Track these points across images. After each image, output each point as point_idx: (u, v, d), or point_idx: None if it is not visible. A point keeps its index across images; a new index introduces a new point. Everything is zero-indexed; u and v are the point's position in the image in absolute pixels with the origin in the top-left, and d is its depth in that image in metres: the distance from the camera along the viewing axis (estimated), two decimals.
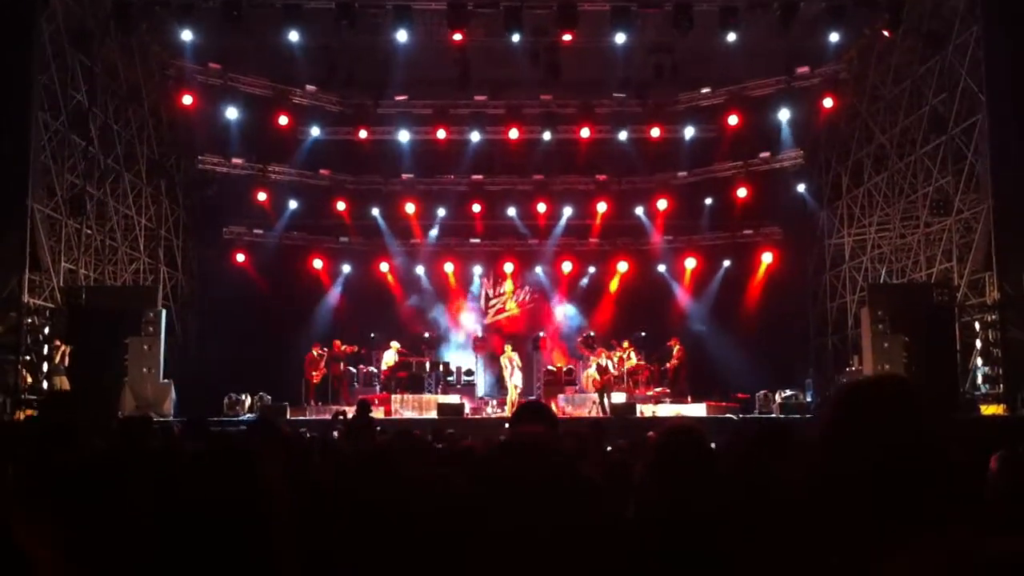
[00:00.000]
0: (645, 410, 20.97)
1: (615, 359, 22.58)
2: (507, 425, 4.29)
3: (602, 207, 27.07)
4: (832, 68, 23.33)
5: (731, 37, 21.24)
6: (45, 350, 18.71)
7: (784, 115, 24.72)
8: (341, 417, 14.94)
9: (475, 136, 26.15)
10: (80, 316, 19.55)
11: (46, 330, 18.85)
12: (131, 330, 20.01)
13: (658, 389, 23.22)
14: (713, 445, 3.89)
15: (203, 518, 2.40)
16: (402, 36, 21.74)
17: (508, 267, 27.88)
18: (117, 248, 22.64)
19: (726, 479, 3.56)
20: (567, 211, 27.36)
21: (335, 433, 12.92)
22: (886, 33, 21.28)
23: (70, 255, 20.44)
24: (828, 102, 23.43)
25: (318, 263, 26.88)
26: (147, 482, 2.64)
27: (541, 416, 4.06)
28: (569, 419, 19.09)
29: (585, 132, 25.78)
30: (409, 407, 22.00)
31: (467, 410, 21.28)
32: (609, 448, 9.33)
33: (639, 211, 27.25)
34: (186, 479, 2.57)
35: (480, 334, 26.32)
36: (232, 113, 24.21)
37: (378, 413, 20.63)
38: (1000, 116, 18.71)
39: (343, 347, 23.34)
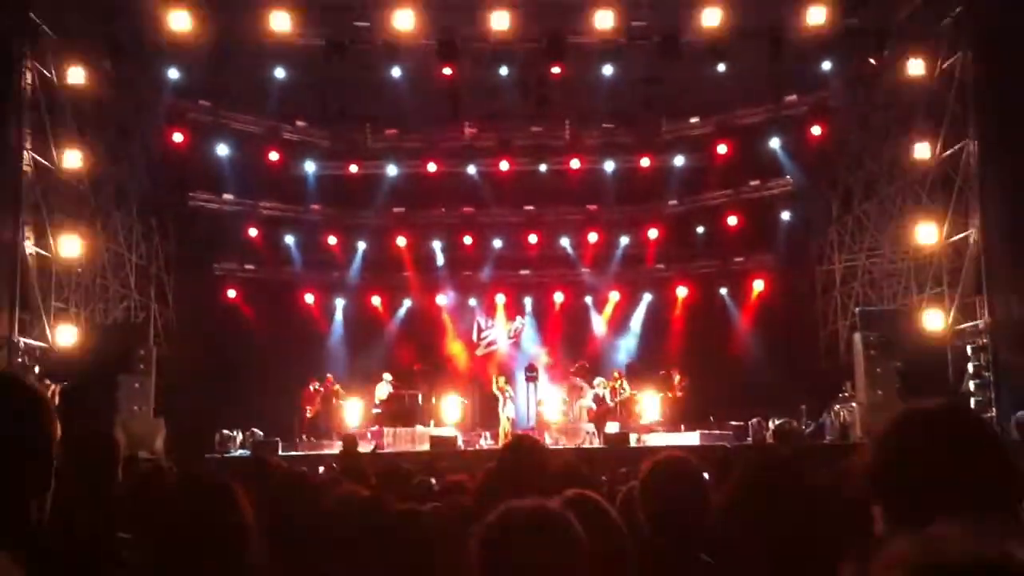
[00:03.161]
0: (638, 440, 20.88)
1: (609, 388, 22.52)
2: (498, 459, 4.24)
3: (593, 237, 27.12)
4: (820, 96, 23.42)
5: (720, 67, 21.40)
6: None
7: (774, 143, 24.84)
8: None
9: (466, 169, 26.23)
10: (70, 354, 19.42)
11: (36, 369, 18.69)
12: (122, 368, 19.88)
13: (654, 419, 23.10)
14: (706, 475, 3.86)
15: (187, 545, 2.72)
16: (395, 72, 21.93)
17: (500, 298, 27.85)
18: (108, 286, 22.52)
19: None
20: (559, 242, 27.40)
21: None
22: (872, 61, 21.45)
23: (60, 293, 20.32)
24: (817, 129, 23.49)
25: (310, 298, 26.81)
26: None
27: (531, 458, 4.05)
28: (561, 450, 19.02)
29: (575, 163, 25.85)
30: (402, 440, 21.86)
31: (460, 443, 21.14)
32: (604, 477, 9.27)
33: (624, 240, 27.30)
34: (171, 509, 2.90)
35: (471, 365, 26.21)
36: (223, 150, 24.25)
37: (370, 447, 20.51)
38: (988, 141, 18.82)
39: (335, 383, 23.27)
